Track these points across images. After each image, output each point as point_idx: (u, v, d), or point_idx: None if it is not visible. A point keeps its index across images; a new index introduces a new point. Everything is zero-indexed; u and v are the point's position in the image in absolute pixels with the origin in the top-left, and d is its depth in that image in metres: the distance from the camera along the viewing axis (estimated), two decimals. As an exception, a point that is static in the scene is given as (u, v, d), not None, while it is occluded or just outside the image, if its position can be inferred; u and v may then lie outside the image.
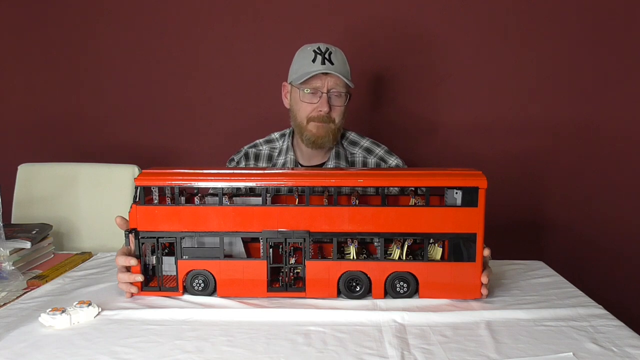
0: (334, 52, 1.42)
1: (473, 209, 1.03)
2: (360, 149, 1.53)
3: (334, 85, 1.39)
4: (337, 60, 1.41)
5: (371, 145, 1.54)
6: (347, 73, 1.43)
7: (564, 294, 1.11)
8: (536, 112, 1.97)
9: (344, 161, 1.49)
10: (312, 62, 1.39)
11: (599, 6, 1.89)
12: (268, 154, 1.55)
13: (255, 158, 1.55)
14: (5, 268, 1.21)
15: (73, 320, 0.96)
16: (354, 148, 1.53)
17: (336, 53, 1.42)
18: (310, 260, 1.06)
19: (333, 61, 1.39)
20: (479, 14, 1.92)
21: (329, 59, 1.39)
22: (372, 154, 1.52)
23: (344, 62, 1.43)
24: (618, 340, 0.90)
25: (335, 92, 1.40)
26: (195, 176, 1.08)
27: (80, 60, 2.05)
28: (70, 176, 1.74)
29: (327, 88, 1.39)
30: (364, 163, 1.51)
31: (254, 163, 1.54)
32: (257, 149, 1.56)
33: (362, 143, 1.54)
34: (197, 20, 1.99)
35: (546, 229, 2.02)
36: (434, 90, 1.98)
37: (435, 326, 0.95)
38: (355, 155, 1.52)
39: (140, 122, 2.06)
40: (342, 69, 1.41)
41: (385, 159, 1.51)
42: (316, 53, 1.40)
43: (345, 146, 1.53)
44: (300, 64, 1.42)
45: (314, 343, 0.89)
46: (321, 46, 1.41)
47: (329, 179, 1.06)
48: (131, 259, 1.07)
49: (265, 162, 1.54)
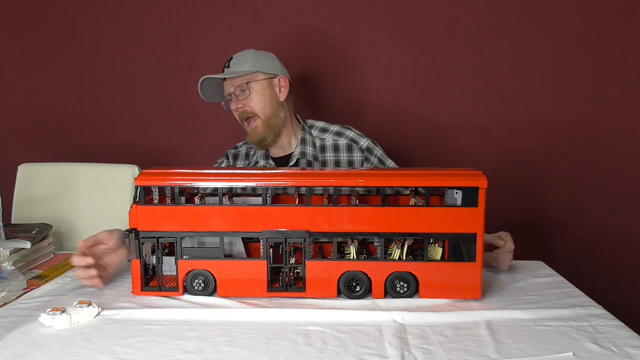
0: (236, 56, 1.48)
1: (473, 209, 1.03)
2: (331, 134, 1.54)
3: (231, 86, 1.45)
4: (235, 61, 1.47)
5: (341, 129, 1.55)
6: (244, 65, 1.45)
7: (564, 294, 1.11)
8: (536, 112, 1.97)
9: (310, 146, 1.51)
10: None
11: (599, 6, 1.89)
12: (245, 152, 1.62)
13: (234, 158, 1.63)
14: (5, 268, 1.21)
15: (73, 320, 0.96)
16: (324, 134, 1.55)
17: (238, 56, 1.48)
18: (310, 260, 1.06)
19: (230, 64, 1.47)
20: (479, 14, 1.92)
21: (228, 65, 1.48)
22: (342, 136, 1.53)
23: (242, 61, 1.46)
24: (618, 340, 0.89)
25: (236, 90, 1.45)
26: (195, 176, 1.08)
27: (80, 60, 2.05)
28: (70, 176, 1.74)
29: (227, 92, 1.47)
30: (335, 146, 1.52)
31: (233, 162, 1.62)
32: (237, 150, 1.64)
33: (332, 128, 1.56)
34: (197, 20, 1.99)
35: (546, 229, 2.02)
36: (434, 90, 1.98)
37: (435, 326, 0.95)
38: (325, 139, 1.53)
39: (140, 122, 2.06)
40: (236, 67, 1.46)
41: (356, 140, 1.52)
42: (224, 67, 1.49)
43: (315, 134, 1.55)
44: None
45: (314, 343, 0.89)
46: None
47: (329, 179, 1.07)
48: (87, 259, 1.09)
49: (243, 159, 1.61)
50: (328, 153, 1.52)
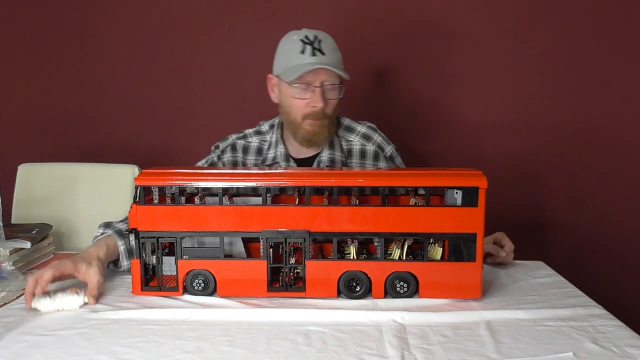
0: (323, 39, 1.31)
1: (473, 209, 1.03)
2: (358, 136, 1.46)
3: (327, 78, 1.30)
4: (328, 48, 1.31)
5: (368, 130, 1.47)
6: (338, 62, 1.33)
7: (564, 294, 1.11)
8: (536, 112, 1.97)
9: (338, 151, 1.43)
10: (301, 53, 1.29)
11: (599, 6, 1.89)
12: (257, 147, 1.47)
13: (243, 151, 1.48)
14: (5, 268, 1.21)
15: (57, 305, 0.96)
16: (350, 135, 1.46)
17: (326, 40, 1.32)
18: (310, 260, 1.06)
19: (324, 51, 1.29)
20: (479, 14, 1.92)
21: (319, 49, 1.29)
22: (370, 140, 1.46)
23: (334, 49, 1.33)
24: (618, 340, 0.89)
25: (329, 85, 1.32)
26: (195, 176, 1.08)
27: (80, 60, 2.05)
28: (70, 176, 1.74)
29: (320, 81, 1.30)
30: (362, 151, 1.45)
31: (242, 156, 1.47)
32: (247, 141, 1.48)
33: (359, 129, 1.47)
34: (197, 20, 1.99)
35: (546, 229, 2.02)
36: (434, 90, 1.98)
37: (435, 326, 0.95)
38: (352, 143, 1.45)
39: (140, 122, 2.06)
40: (334, 57, 1.32)
41: (382, 147, 1.46)
42: (304, 43, 1.29)
43: (340, 133, 1.46)
44: (288, 55, 1.32)
45: (314, 343, 0.89)
46: (308, 34, 1.31)
47: (329, 179, 1.06)
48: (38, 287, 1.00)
49: (254, 155, 1.47)
50: (355, 159, 1.45)
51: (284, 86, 1.35)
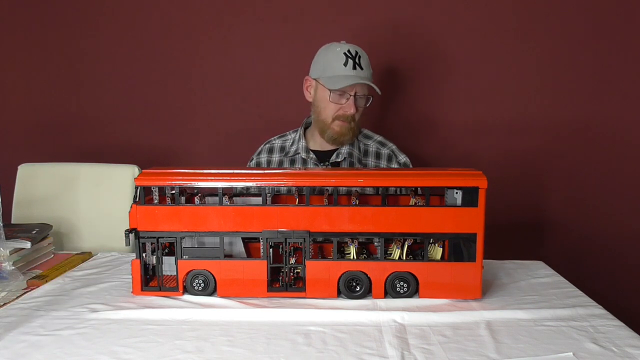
0: (362, 55, 1.48)
1: (473, 209, 1.04)
2: (374, 142, 1.62)
3: (361, 90, 1.48)
4: (365, 63, 1.48)
5: (384, 140, 1.63)
6: (371, 76, 1.51)
7: (563, 294, 1.11)
8: (536, 112, 1.97)
9: (357, 149, 1.57)
10: (344, 65, 1.45)
11: (599, 6, 1.89)
12: (281, 145, 1.63)
13: (269, 151, 1.63)
14: (5, 268, 1.21)
15: None
16: (367, 140, 1.62)
17: (364, 56, 1.49)
18: (310, 260, 1.06)
19: (362, 66, 1.47)
20: (479, 14, 1.92)
21: (359, 64, 1.46)
22: (385, 146, 1.61)
23: (369, 65, 1.50)
24: (618, 340, 0.90)
25: (361, 95, 1.49)
26: (195, 176, 1.08)
27: (80, 61, 2.05)
28: (70, 176, 1.74)
29: (355, 91, 1.47)
30: (377, 153, 1.59)
31: (268, 155, 1.62)
32: (271, 144, 1.64)
33: (376, 137, 1.64)
34: (197, 20, 1.99)
35: (546, 229, 2.02)
36: (434, 90, 1.98)
37: (435, 326, 0.95)
38: (369, 145, 1.61)
39: (140, 122, 2.06)
40: (368, 73, 1.50)
41: (396, 153, 1.61)
42: (347, 57, 1.46)
43: (360, 138, 1.62)
44: (330, 65, 1.48)
45: (314, 343, 0.89)
46: (350, 49, 1.47)
47: (329, 179, 1.07)
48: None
49: (278, 152, 1.62)
50: (370, 158, 1.59)
51: (322, 90, 1.50)
